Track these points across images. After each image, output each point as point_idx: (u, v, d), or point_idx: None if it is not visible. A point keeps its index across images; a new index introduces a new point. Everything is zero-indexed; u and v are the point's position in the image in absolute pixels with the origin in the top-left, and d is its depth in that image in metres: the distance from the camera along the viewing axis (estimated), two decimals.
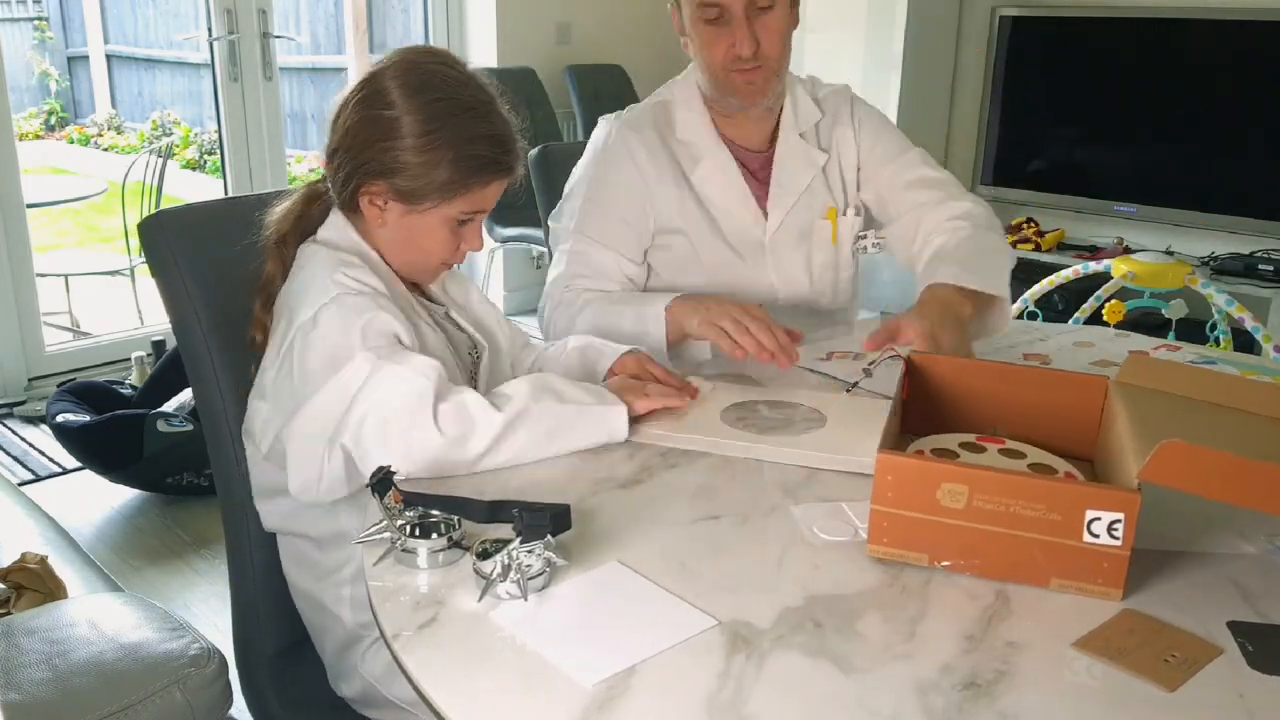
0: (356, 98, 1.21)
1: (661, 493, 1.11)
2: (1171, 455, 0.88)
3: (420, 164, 1.19)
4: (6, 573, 1.40)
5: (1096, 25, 3.72)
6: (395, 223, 1.24)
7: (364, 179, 1.21)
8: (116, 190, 4.44)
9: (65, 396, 2.94)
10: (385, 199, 1.22)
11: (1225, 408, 1.10)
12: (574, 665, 0.81)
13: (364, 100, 1.21)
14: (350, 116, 1.22)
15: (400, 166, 1.19)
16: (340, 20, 6.87)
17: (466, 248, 1.28)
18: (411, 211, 1.23)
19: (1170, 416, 1.05)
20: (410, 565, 0.95)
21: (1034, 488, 0.91)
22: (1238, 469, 0.89)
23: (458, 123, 1.20)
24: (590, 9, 4.37)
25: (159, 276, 1.30)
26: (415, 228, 1.24)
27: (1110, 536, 0.89)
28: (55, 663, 1.17)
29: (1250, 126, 3.46)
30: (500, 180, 1.25)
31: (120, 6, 8.20)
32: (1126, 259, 2.94)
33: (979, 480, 0.92)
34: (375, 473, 0.98)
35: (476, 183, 1.22)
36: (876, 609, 0.90)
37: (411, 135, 1.18)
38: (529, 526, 0.91)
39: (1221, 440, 0.96)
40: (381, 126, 1.19)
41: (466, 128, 1.20)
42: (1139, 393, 1.10)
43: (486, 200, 1.25)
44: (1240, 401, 1.10)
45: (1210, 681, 0.81)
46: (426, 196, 1.21)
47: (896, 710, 0.77)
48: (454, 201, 1.22)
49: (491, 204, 1.26)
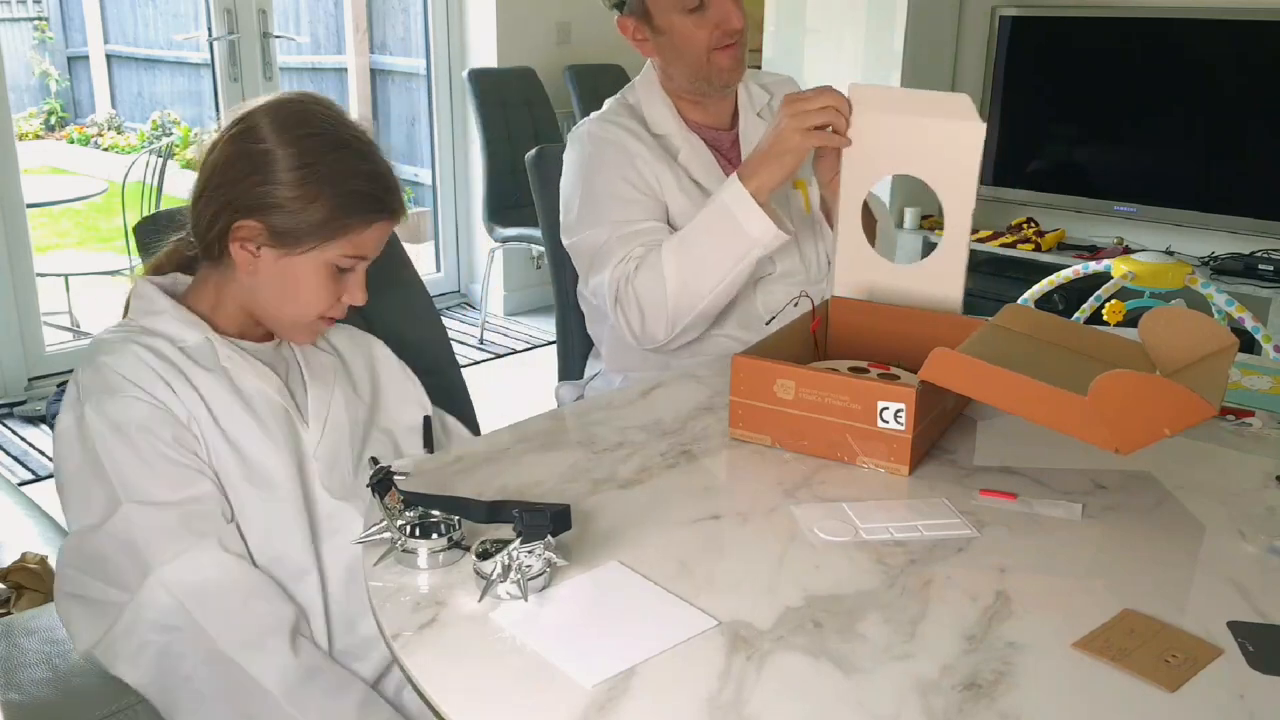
0: (227, 135, 1.13)
1: (661, 493, 1.11)
2: (942, 360, 1.09)
3: (296, 199, 1.11)
4: (6, 573, 1.40)
5: (1096, 25, 3.72)
6: (268, 270, 1.14)
7: (234, 216, 1.12)
8: (116, 190, 4.44)
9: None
10: (258, 242, 1.13)
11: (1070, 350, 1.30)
12: (575, 666, 0.81)
13: (235, 136, 1.13)
14: (220, 153, 1.13)
15: (274, 204, 1.11)
16: (340, 20, 6.87)
17: (348, 299, 1.18)
18: (286, 255, 1.13)
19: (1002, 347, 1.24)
20: (410, 566, 0.95)
21: (840, 383, 1.15)
22: (995, 377, 1.07)
23: (335, 158, 1.13)
24: (590, 9, 4.35)
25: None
26: (290, 275, 1.14)
27: (896, 422, 1.12)
28: (55, 663, 1.17)
29: (1250, 126, 3.46)
30: (382, 222, 1.17)
31: (120, 6, 8.20)
32: (1126, 259, 2.94)
33: (801, 377, 1.17)
34: (375, 472, 0.98)
35: (357, 222, 1.14)
36: (876, 609, 0.90)
37: (286, 170, 1.11)
38: (529, 526, 0.91)
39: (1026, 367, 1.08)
40: (254, 161, 1.11)
41: (345, 164, 1.14)
42: (1000, 331, 1.29)
43: (367, 245, 1.16)
44: (1090, 349, 1.30)
45: (1210, 681, 0.81)
46: (303, 238, 1.12)
47: (896, 710, 0.77)
48: (333, 243, 1.14)
49: (373, 250, 1.18)
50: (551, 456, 1.19)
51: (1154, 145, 3.69)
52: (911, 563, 0.97)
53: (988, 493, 1.09)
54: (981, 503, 1.08)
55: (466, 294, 4.62)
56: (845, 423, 1.15)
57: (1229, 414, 1.31)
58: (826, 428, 1.16)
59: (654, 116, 1.71)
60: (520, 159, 2.12)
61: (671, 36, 1.63)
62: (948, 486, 1.12)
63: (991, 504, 1.08)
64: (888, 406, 1.12)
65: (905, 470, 1.14)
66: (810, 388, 1.16)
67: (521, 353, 4.09)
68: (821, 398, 1.15)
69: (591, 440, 1.23)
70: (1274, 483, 1.15)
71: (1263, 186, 3.48)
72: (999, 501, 1.08)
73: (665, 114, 1.71)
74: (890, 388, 1.12)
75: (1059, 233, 3.89)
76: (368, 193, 1.15)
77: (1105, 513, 1.07)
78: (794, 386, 1.17)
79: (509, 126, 4.01)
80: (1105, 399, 1.02)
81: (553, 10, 4.29)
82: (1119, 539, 1.03)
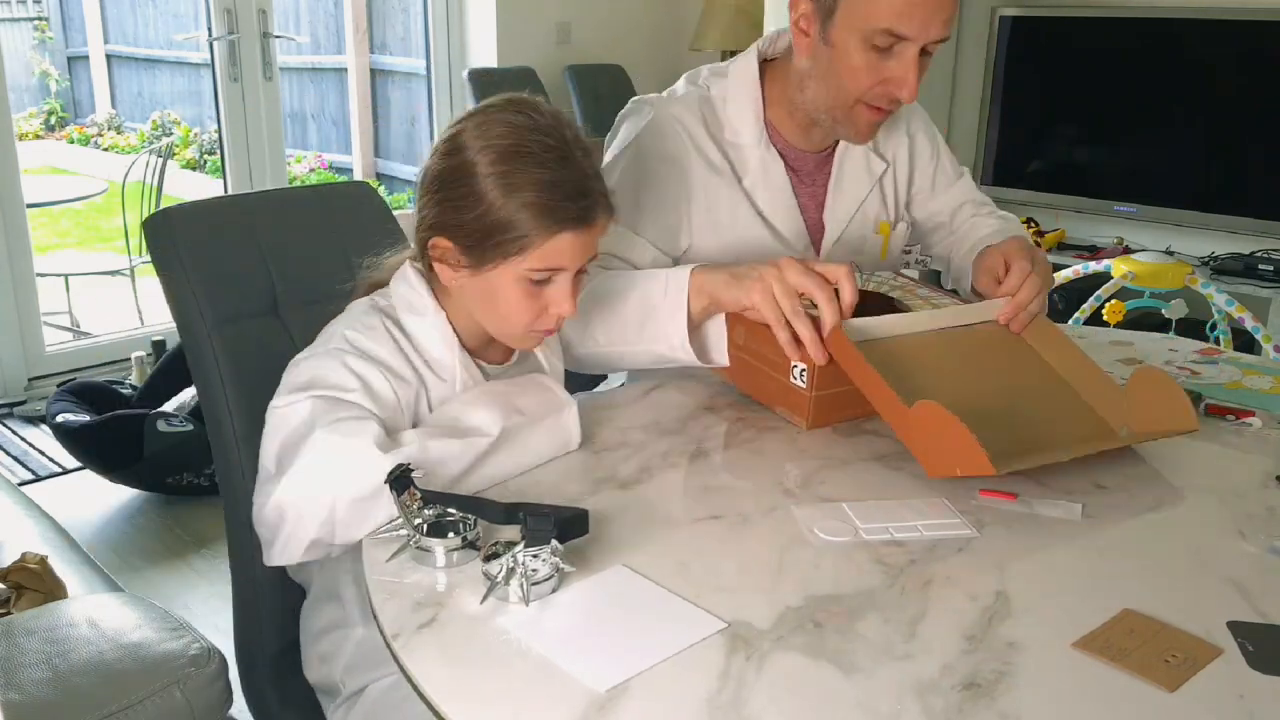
0: (438, 148, 1.12)
1: (661, 493, 1.11)
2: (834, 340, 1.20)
3: (475, 218, 1.07)
4: (6, 573, 1.40)
5: (1096, 25, 3.72)
6: (469, 284, 1.11)
7: (429, 233, 1.11)
8: (116, 190, 4.45)
9: (65, 396, 2.94)
10: (452, 260, 1.11)
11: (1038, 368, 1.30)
12: (584, 671, 0.81)
13: (439, 151, 1.11)
14: (426, 167, 1.13)
15: (457, 223, 1.09)
16: (340, 20, 6.86)
17: (555, 310, 1.12)
18: (480, 271, 1.10)
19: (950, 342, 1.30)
20: (426, 564, 0.95)
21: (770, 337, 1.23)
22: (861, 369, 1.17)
23: (509, 170, 1.07)
24: (590, 9, 4.37)
25: (163, 274, 1.30)
26: (488, 289, 1.11)
27: (801, 381, 1.24)
28: (55, 663, 1.17)
29: (1250, 126, 3.46)
30: (572, 232, 1.08)
31: (120, 6, 8.20)
32: (1126, 259, 2.94)
33: (749, 326, 1.28)
34: (392, 470, 0.98)
35: (536, 237, 1.07)
36: (876, 609, 0.90)
37: (467, 187, 1.08)
38: (533, 531, 0.90)
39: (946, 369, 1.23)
40: (443, 178, 1.10)
41: (521, 175, 1.06)
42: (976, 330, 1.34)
43: (561, 256, 1.09)
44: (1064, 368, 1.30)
45: (1210, 681, 0.81)
46: (487, 255, 1.08)
47: (896, 710, 0.77)
48: (518, 259, 1.08)
49: (569, 262, 1.10)
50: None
51: (1154, 145, 3.69)
52: (911, 563, 0.97)
53: (988, 493, 1.09)
54: (981, 503, 1.08)
55: None
56: (773, 374, 1.27)
57: (1229, 414, 1.31)
58: (762, 375, 1.29)
59: (735, 119, 1.48)
60: None
61: (835, 57, 1.36)
62: (948, 486, 1.12)
63: (991, 504, 1.08)
64: (796, 365, 1.24)
65: (804, 424, 1.25)
66: (753, 336, 1.28)
67: None
68: (759, 348, 1.28)
69: (591, 440, 1.23)
70: (1274, 483, 1.14)
71: (1263, 186, 3.48)
72: (999, 501, 1.08)
73: (750, 120, 1.48)
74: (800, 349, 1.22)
75: (1059, 233, 3.89)
76: (545, 204, 1.07)
77: (1105, 513, 1.07)
78: (744, 333, 1.30)
79: None
80: (916, 424, 1.10)
81: (553, 10, 4.29)
82: (1119, 539, 1.03)
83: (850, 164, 1.54)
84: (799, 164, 1.53)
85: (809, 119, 1.47)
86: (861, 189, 1.56)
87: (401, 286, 1.18)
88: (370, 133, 6.70)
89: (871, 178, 1.56)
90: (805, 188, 1.53)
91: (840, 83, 1.38)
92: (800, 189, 1.53)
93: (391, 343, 1.13)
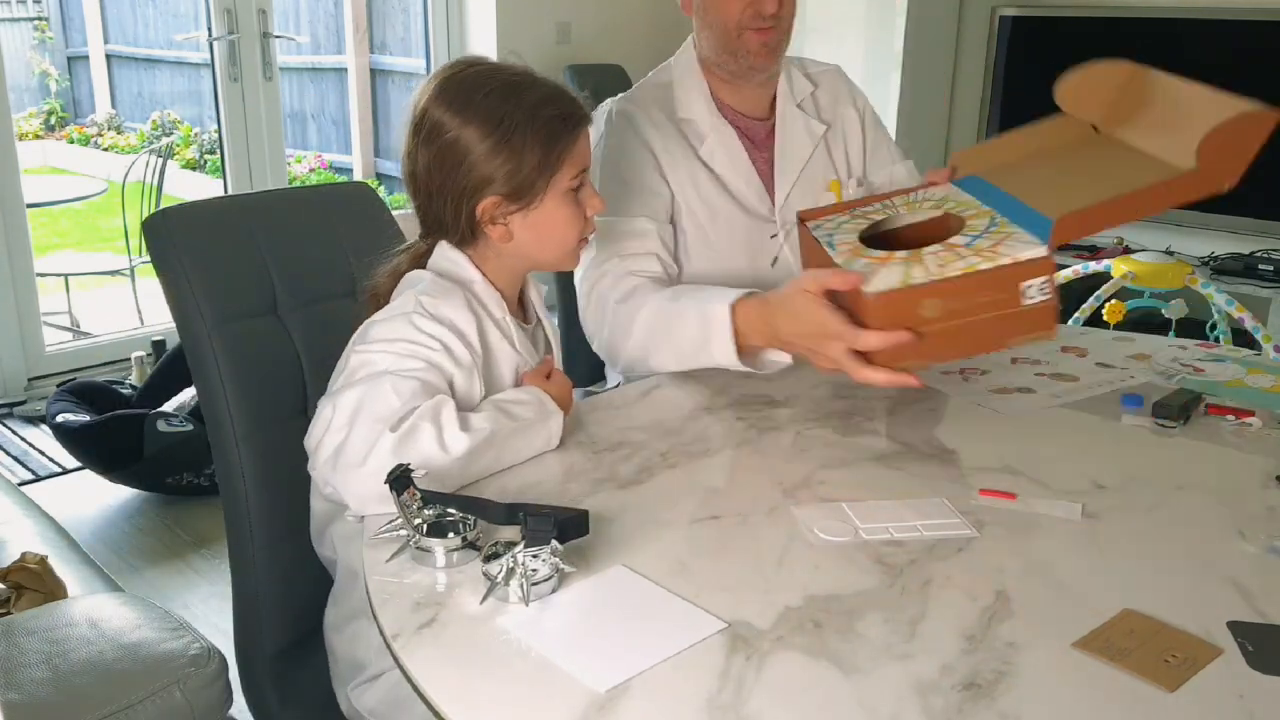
0: (416, 141, 1.20)
1: (661, 493, 1.11)
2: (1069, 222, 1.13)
3: (508, 160, 1.17)
4: (6, 573, 1.40)
5: (1096, 25, 3.72)
6: (521, 229, 1.21)
7: (471, 202, 1.19)
8: (116, 190, 4.45)
9: (65, 396, 2.94)
10: (501, 212, 1.19)
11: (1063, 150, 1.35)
12: (584, 671, 0.81)
13: (424, 140, 1.19)
14: (419, 162, 1.20)
15: (492, 175, 1.17)
16: (340, 20, 6.87)
17: (592, 211, 1.25)
18: (530, 208, 1.20)
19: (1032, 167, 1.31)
20: (426, 564, 0.95)
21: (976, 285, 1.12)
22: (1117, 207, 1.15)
23: (515, 104, 1.17)
24: (590, 9, 4.37)
25: (163, 274, 1.30)
26: (541, 222, 1.21)
27: (1041, 294, 1.13)
28: (55, 663, 1.16)
29: None
30: (583, 131, 1.22)
31: (120, 6, 8.20)
32: (1126, 259, 2.94)
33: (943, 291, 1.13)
34: (393, 470, 0.98)
35: (566, 141, 1.19)
36: (876, 609, 0.90)
37: (481, 141, 1.16)
38: (533, 531, 0.90)
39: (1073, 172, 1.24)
40: (453, 152, 1.17)
41: (525, 103, 1.18)
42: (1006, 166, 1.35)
43: (583, 155, 1.22)
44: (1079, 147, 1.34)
45: (1210, 681, 0.81)
46: (535, 185, 1.18)
47: (896, 710, 0.77)
48: (559, 173, 1.19)
49: (588, 157, 1.24)
50: (551, 456, 1.19)
51: None
52: (911, 563, 0.97)
53: (988, 492, 1.09)
54: (981, 503, 1.08)
55: None
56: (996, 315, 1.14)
57: (1229, 414, 1.32)
58: (974, 328, 1.15)
59: (685, 97, 1.63)
60: None
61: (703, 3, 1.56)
62: (948, 486, 1.12)
63: (991, 504, 1.08)
64: (1032, 284, 1.13)
65: (1053, 334, 1.16)
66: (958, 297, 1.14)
67: None
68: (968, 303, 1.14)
69: (592, 440, 1.23)
70: (1274, 483, 1.14)
71: (1263, 186, 3.47)
72: (999, 501, 1.08)
73: (697, 96, 1.62)
74: (1024, 266, 1.12)
75: None
76: (557, 114, 1.19)
77: (1105, 513, 1.07)
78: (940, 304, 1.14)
79: None
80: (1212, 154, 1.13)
81: (553, 10, 4.29)
82: (1119, 539, 1.03)
83: (791, 126, 1.66)
84: (751, 132, 1.65)
85: (725, 75, 1.61)
86: (804, 149, 1.67)
87: (443, 264, 1.23)
88: (370, 133, 6.70)
89: (813, 139, 1.67)
90: (760, 153, 1.65)
91: (717, 18, 1.55)
92: (755, 155, 1.65)
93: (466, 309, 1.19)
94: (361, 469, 1.04)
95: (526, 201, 1.19)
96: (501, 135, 1.16)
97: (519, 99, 1.18)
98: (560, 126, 1.19)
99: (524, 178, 1.18)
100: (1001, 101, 3.95)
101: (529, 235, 1.21)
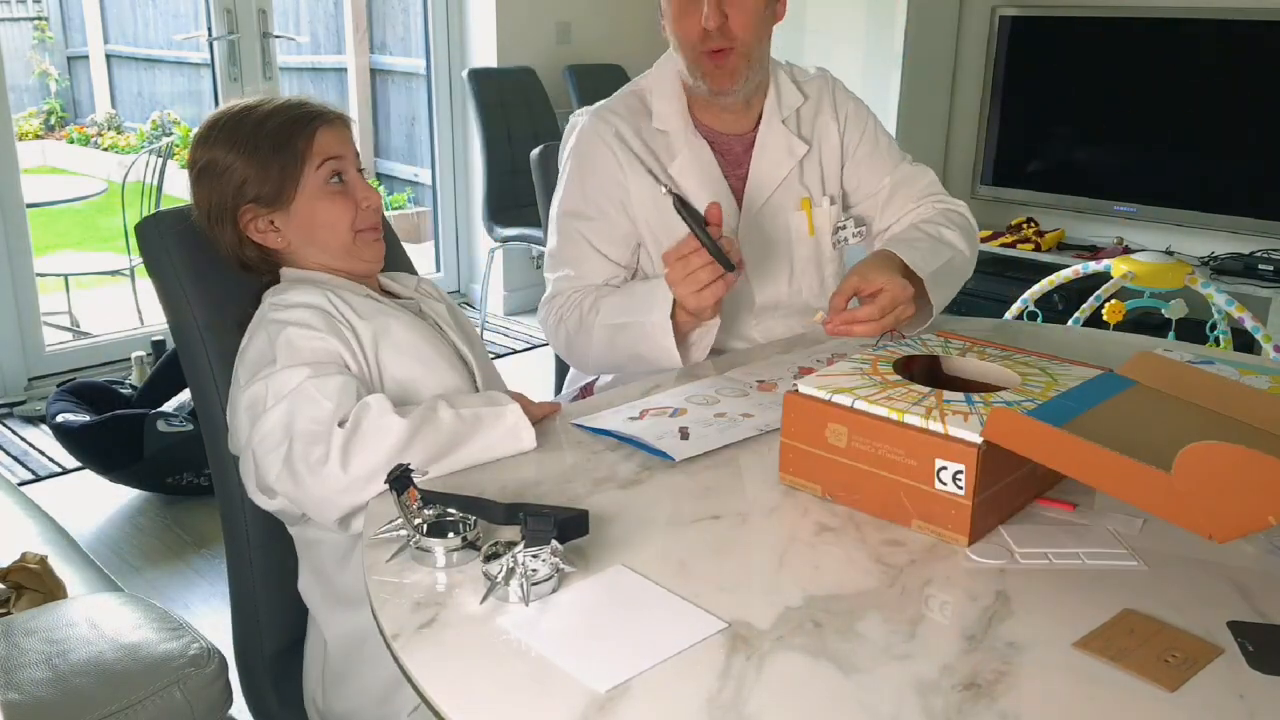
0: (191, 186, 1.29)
1: (661, 493, 1.11)
2: (1001, 418, 0.95)
3: (249, 168, 1.25)
4: (6, 573, 1.40)
5: (1096, 25, 3.72)
6: (289, 229, 1.28)
7: (232, 220, 1.27)
8: (116, 190, 4.44)
9: (65, 396, 2.94)
10: (263, 220, 1.27)
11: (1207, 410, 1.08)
12: (584, 671, 0.81)
13: (194, 180, 1.29)
14: (196, 198, 1.29)
15: (240, 185, 1.25)
16: (340, 20, 6.86)
17: (365, 203, 1.30)
18: (289, 208, 1.27)
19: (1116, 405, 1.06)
20: (426, 564, 0.95)
21: (895, 433, 0.99)
22: (1061, 443, 0.92)
23: (249, 120, 1.27)
24: (590, 9, 4.37)
25: (156, 277, 1.30)
26: (303, 218, 1.27)
27: (955, 485, 0.97)
28: (55, 663, 1.16)
29: (1250, 126, 3.46)
30: (322, 127, 1.28)
31: (120, 6, 8.20)
32: (1126, 259, 2.94)
33: (855, 422, 1.02)
34: (393, 470, 0.98)
35: (301, 140, 1.26)
36: (876, 609, 0.90)
37: (226, 158, 1.26)
38: (533, 531, 0.90)
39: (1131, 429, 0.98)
40: (210, 177, 1.27)
41: (256, 116, 1.27)
42: None
43: (329, 147, 1.28)
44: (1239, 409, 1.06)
45: (1210, 681, 0.81)
46: (283, 186, 1.26)
47: (896, 710, 0.77)
48: (304, 170, 1.26)
49: (337, 150, 1.29)
50: (551, 456, 1.19)
51: (1154, 145, 3.69)
52: (911, 563, 0.97)
53: (1046, 501, 1.08)
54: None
55: (466, 294, 4.62)
56: (901, 479, 1.00)
57: None
58: (881, 484, 1.01)
59: (660, 110, 1.59)
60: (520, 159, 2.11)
61: (667, 16, 1.52)
62: None
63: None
64: (945, 466, 0.96)
65: (964, 540, 0.98)
66: (863, 436, 1.01)
67: (521, 353, 4.09)
68: (875, 449, 1.01)
69: (592, 440, 1.23)
70: None
71: (1263, 186, 3.48)
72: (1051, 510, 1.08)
73: (672, 109, 1.58)
74: (948, 444, 0.96)
75: (1059, 233, 3.88)
76: (286, 119, 1.27)
77: (1105, 513, 1.07)
78: (846, 434, 1.02)
79: (509, 126, 4.01)
80: (1192, 476, 0.84)
81: (553, 10, 4.29)
82: (1119, 539, 1.03)
83: (771, 143, 1.62)
84: (725, 148, 1.62)
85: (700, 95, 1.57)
86: (782, 169, 1.62)
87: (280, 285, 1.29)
88: (370, 133, 6.70)
89: (793, 158, 1.63)
90: (733, 169, 1.61)
91: (676, 40, 1.52)
92: (729, 171, 1.61)
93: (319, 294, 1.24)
94: (324, 468, 1.06)
95: (282, 203, 1.27)
96: (240, 149, 1.26)
97: (250, 115, 1.28)
98: (292, 128, 1.27)
99: (271, 181, 1.26)
100: (1001, 101, 3.95)
101: (299, 235, 1.29)
